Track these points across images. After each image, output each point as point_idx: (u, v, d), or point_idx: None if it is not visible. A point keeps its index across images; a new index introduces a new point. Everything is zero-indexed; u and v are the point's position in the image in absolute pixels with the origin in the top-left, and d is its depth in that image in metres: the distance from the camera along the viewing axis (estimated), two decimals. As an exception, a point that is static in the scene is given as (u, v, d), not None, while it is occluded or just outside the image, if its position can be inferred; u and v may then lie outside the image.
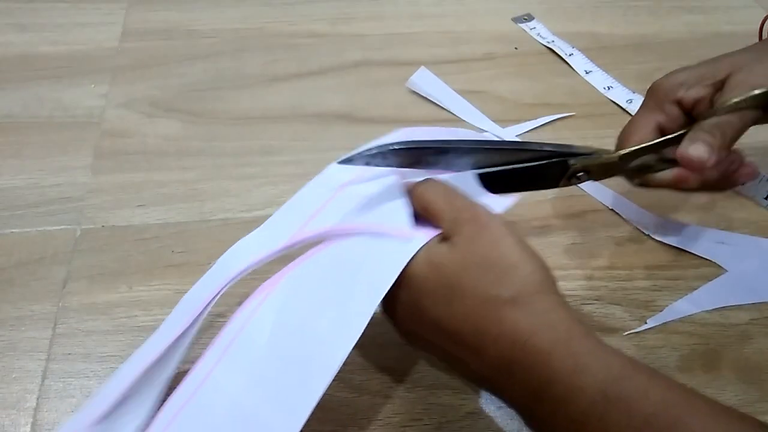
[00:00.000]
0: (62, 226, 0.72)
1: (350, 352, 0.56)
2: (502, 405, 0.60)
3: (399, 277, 0.52)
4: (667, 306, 0.68)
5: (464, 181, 0.60)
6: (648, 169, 0.64)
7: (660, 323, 0.67)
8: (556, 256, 0.72)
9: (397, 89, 0.90)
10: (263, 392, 0.52)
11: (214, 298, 0.59)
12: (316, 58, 0.95)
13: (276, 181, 0.78)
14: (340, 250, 0.56)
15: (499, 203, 0.58)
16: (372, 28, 1.01)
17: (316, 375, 0.51)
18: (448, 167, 0.60)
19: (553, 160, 0.63)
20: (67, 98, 0.86)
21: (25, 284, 0.67)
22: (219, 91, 0.89)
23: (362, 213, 0.58)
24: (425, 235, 0.54)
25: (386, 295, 0.53)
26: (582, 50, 0.98)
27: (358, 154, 0.57)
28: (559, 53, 0.97)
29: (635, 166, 0.64)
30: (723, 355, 0.65)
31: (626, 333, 0.66)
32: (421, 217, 0.56)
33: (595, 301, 0.68)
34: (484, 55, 0.97)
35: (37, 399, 0.59)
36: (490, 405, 0.61)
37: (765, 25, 0.84)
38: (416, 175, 0.60)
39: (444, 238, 0.53)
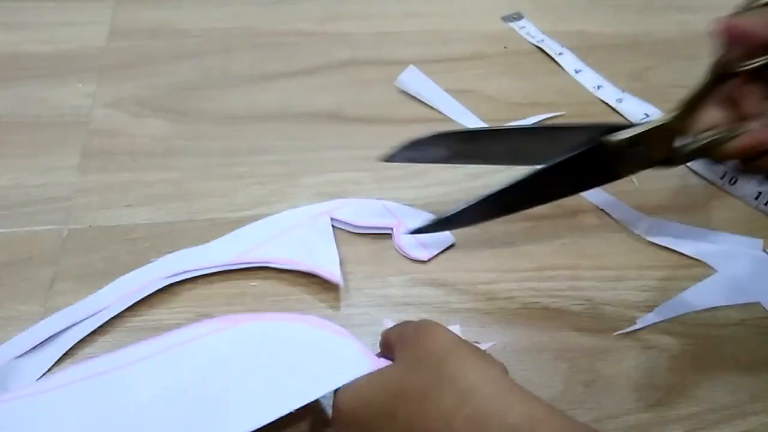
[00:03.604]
0: (49, 226, 0.72)
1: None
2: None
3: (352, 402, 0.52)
4: (657, 306, 0.68)
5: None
6: (716, 143, 0.60)
7: (650, 323, 0.67)
8: (546, 257, 0.72)
9: (385, 88, 0.90)
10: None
11: (145, 288, 0.66)
12: (304, 57, 0.95)
13: (264, 181, 0.77)
14: (296, 331, 0.58)
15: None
16: (360, 27, 1.00)
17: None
18: (484, 155, 0.67)
19: (583, 149, 0.62)
20: (54, 98, 0.86)
21: (12, 285, 0.67)
22: (206, 91, 0.89)
23: (299, 253, 0.69)
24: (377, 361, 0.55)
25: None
26: (572, 49, 0.97)
27: (398, 149, 0.66)
28: (548, 52, 0.97)
29: (702, 145, 0.61)
30: (713, 355, 0.65)
31: (616, 333, 0.66)
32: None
33: (585, 302, 0.68)
34: (473, 54, 0.97)
35: (24, 401, 0.59)
36: (479, 406, 0.60)
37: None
38: None
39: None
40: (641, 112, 0.87)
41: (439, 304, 0.68)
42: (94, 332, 0.63)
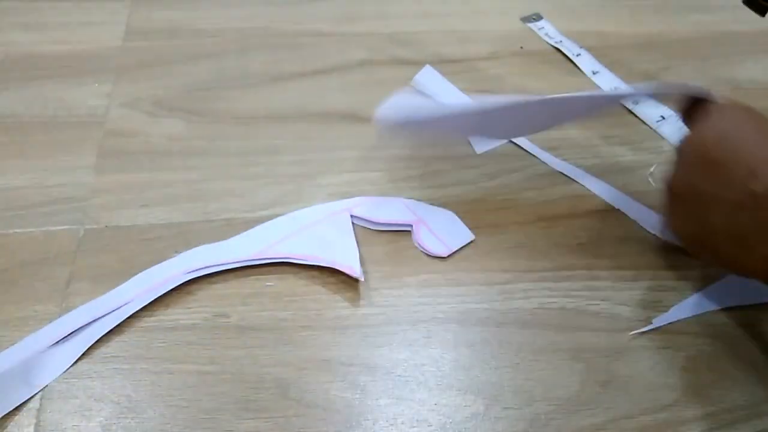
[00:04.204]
0: (65, 226, 0.72)
1: (356, 353, 0.56)
2: (508, 406, 0.60)
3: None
4: (673, 306, 0.68)
5: None
6: None
7: (666, 323, 0.67)
8: (561, 257, 0.72)
9: (401, 88, 0.90)
10: None
11: (166, 284, 0.67)
12: (320, 57, 0.95)
13: (280, 181, 0.77)
14: None
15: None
16: (376, 27, 1.01)
17: None
18: None
19: None
20: (71, 97, 0.86)
21: (29, 284, 0.67)
22: (223, 91, 0.89)
23: (319, 249, 0.70)
24: None
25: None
26: (588, 49, 0.97)
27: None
28: (566, 53, 0.97)
29: None
30: (730, 355, 0.65)
31: (632, 333, 0.66)
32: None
33: (601, 302, 0.68)
34: (489, 54, 0.97)
35: (41, 400, 0.59)
36: (495, 406, 0.60)
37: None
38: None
39: None
40: (657, 114, 0.86)
41: (455, 303, 0.68)
42: (110, 332, 0.64)
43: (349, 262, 0.68)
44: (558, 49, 0.98)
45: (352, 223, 0.73)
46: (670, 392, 0.62)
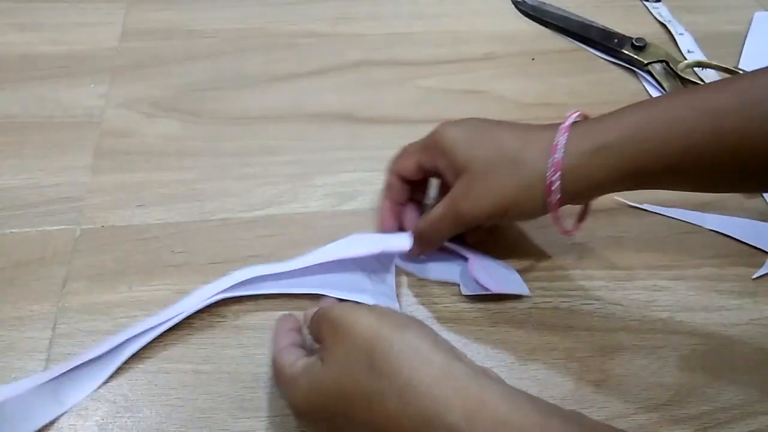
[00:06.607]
0: (62, 226, 0.72)
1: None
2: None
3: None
4: (670, 306, 0.68)
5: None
6: None
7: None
8: (556, 256, 0.72)
9: (397, 89, 0.90)
10: None
11: (210, 299, 0.65)
12: (316, 57, 0.95)
13: (276, 181, 0.78)
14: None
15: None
16: (372, 27, 1.01)
17: None
18: None
19: None
20: (67, 98, 0.86)
21: (25, 284, 0.67)
22: (219, 91, 0.89)
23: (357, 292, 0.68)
24: None
25: None
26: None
27: None
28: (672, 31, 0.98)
29: None
30: (723, 355, 0.65)
31: (629, 333, 0.66)
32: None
33: (595, 302, 0.68)
34: (484, 54, 0.97)
35: (37, 400, 0.59)
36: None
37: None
38: None
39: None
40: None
41: (449, 303, 0.68)
42: (108, 334, 0.63)
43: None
44: (556, 51, 0.98)
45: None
46: (665, 391, 0.62)
